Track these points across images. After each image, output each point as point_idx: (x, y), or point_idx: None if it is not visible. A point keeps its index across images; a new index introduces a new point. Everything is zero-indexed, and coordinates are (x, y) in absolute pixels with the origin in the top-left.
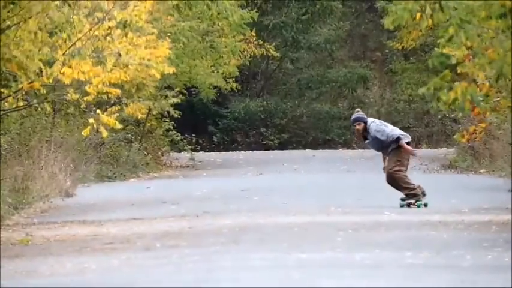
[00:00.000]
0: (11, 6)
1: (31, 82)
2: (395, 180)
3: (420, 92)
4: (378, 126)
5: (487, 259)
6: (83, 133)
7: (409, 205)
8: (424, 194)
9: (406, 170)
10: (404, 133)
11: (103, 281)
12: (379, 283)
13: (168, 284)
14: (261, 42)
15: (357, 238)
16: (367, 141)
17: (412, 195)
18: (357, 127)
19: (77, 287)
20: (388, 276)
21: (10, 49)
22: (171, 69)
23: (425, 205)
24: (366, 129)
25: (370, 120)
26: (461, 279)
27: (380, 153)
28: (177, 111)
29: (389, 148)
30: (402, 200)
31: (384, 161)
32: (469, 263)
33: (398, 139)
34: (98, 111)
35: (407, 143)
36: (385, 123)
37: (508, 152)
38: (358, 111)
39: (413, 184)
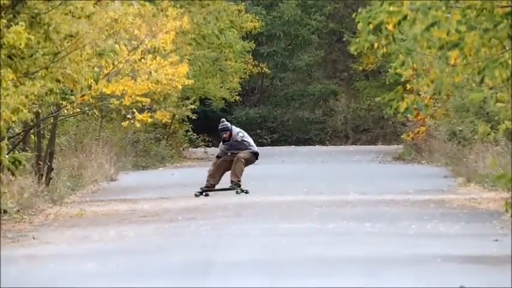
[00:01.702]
0: (70, 37)
1: (83, 95)
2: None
3: (377, 99)
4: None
5: (426, 228)
6: (123, 124)
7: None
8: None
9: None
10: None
11: (138, 245)
12: (348, 247)
13: (188, 246)
14: (257, 64)
15: (330, 213)
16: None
17: (238, 184)
18: (224, 136)
19: (119, 249)
20: (354, 241)
21: (66, 69)
22: (189, 81)
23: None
24: (230, 135)
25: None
26: (407, 244)
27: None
28: (195, 115)
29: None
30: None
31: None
32: (414, 231)
33: (256, 154)
34: (134, 109)
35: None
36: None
37: (443, 148)
38: (223, 121)
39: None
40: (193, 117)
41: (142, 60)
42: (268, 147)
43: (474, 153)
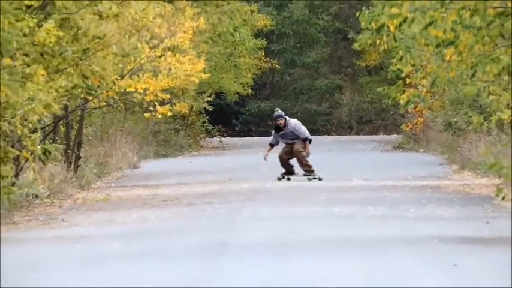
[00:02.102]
0: (97, 39)
1: (107, 91)
2: (299, 159)
3: (378, 90)
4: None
5: (424, 212)
6: (145, 116)
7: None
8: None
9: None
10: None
11: (159, 227)
12: (352, 229)
13: (205, 228)
14: (268, 61)
15: (335, 197)
16: (281, 133)
17: (309, 171)
18: (280, 121)
19: (141, 231)
20: (357, 224)
21: (93, 66)
22: (206, 76)
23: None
24: (285, 124)
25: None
26: (406, 226)
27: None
28: (211, 107)
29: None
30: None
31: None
32: (413, 215)
33: (308, 140)
34: (156, 103)
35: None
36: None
37: (439, 138)
38: (277, 109)
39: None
40: (210, 110)
41: (163, 57)
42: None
43: (468, 142)
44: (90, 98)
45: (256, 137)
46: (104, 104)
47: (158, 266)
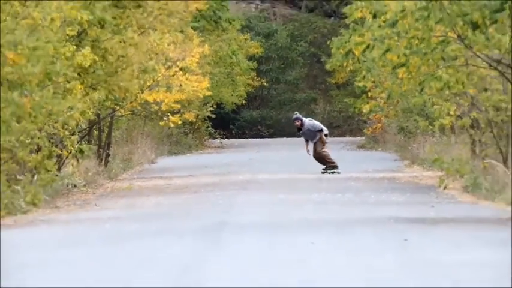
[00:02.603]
0: (122, 57)
1: (131, 102)
2: (322, 158)
3: (345, 100)
4: (310, 122)
5: (382, 198)
6: (161, 124)
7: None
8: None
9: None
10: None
11: (171, 210)
12: (326, 212)
13: (208, 211)
14: (258, 80)
15: (312, 186)
16: (301, 132)
17: (332, 167)
18: (296, 123)
19: (157, 213)
20: (329, 208)
21: (120, 82)
22: (209, 93)
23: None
24: (302, 125)
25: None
26: (368, 209)
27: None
28: (213, 115)
29: (315, 138)
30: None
31: (307, 145)
32: (373, 201)
33: (321, 130)
34: (169, 114)
35: (325, 135)
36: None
37: (394, 139)
38: (296, 113)
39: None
40: (212, 117)
41: (175, 76)
42: (267, 138)
43: (417, 143)
44: (117, 107)
45: (249, 139)
46: (129, 112)
47: (171, 241)
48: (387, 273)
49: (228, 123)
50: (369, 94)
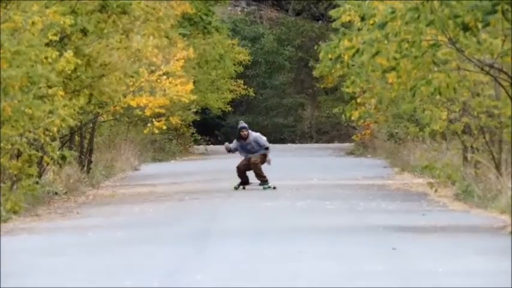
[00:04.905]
0: (105, 65)
1: (115, 106)
2: (255, 169)
3: (335, 110)
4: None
5: (371, 205)
6: (144, 131)
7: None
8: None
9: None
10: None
11: (155, 218)
12: (312, 220)
13: (193, 219)
14: (244, 87)
15: (298, 194)
16: (245, 142)
17: (264, 181)
18: (244, 132)
19: (140, 221)
20: (316, 216)
21: (103, 88)
22: (193, 97)
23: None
24: (247, 136)
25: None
26: (357, 217)
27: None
28: (197, 119)
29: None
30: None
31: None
32: (362, 208)
33: (267, 148)
34: (153, 119)
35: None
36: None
37: (383, 145)
38: (242, 122)
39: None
40: (198, 122)
41: (158, 80)
42: None
43: (407, 149)
44: (100, 112)
45: None
46: (111, 118)
47: (155, 249)
48: (376, 282)
49: (213, 129)
50: (358, 100)
